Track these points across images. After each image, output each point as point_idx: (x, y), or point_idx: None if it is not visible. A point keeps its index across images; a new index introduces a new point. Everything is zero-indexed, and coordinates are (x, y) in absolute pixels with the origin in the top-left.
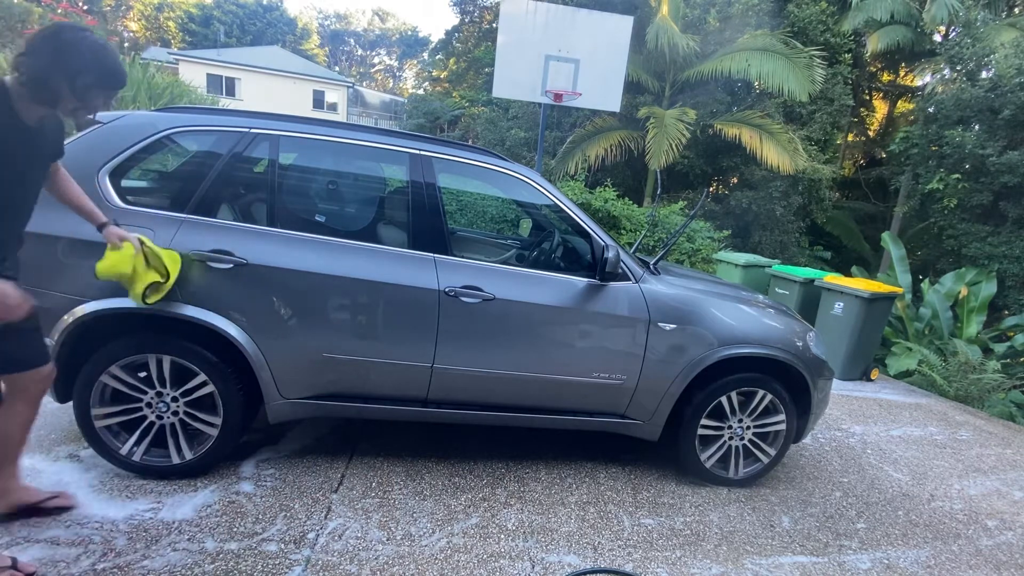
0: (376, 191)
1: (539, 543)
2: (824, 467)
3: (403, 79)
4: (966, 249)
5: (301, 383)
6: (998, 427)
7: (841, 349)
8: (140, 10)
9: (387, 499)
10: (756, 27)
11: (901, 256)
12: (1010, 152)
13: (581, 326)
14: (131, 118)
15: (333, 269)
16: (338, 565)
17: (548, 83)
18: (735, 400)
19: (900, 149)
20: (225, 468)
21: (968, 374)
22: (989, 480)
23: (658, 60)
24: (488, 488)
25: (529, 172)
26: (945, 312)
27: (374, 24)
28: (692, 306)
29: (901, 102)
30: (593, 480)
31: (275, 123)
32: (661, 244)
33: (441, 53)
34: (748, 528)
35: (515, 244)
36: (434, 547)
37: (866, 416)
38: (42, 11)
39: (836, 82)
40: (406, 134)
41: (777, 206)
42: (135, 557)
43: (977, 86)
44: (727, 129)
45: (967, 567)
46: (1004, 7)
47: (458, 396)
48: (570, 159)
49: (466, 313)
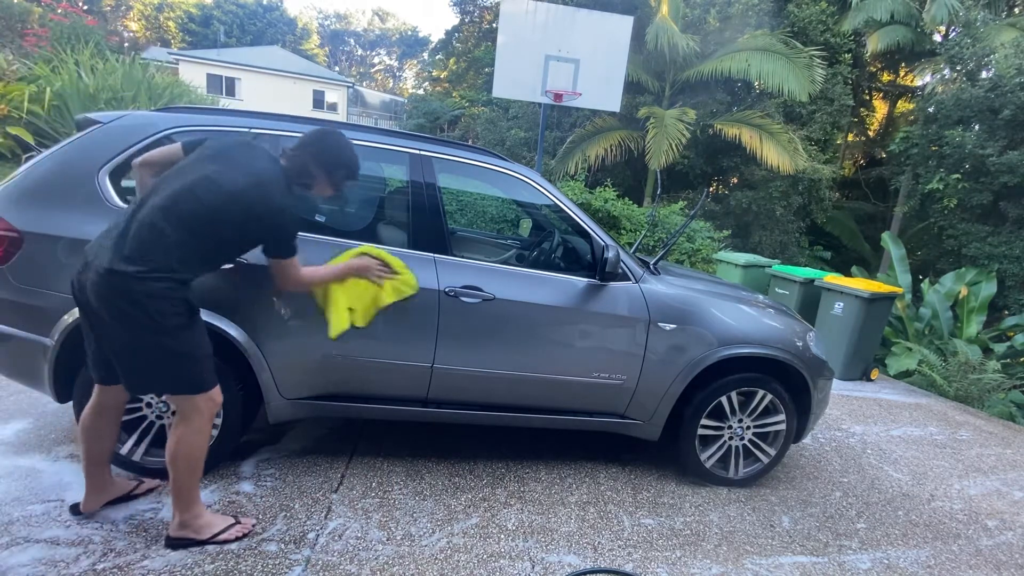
0: (376, 191)
1: (539, 543)
2: (824, 467)
3: (403, 79)
4: (966, 249)
5: (301, 383)
6: (998, 427)
7: (841, 349)
8: (140, 10)
9: (387, 499)
10: (756, 27)
11: (901, 256)
12: (1010, 152)
13: (581, 326)
14: (131, 118)
15: None
16: (338, 565)
17: (548, 83)
18: (735, 400)
19: (900, 149)
20: (225, 468)
21: (968, 374)
22: (989, 480)
23: (658, 60)
24: (488, 488)
25: (529, 172)
26: (945, 312)
27: (374, 24)
28: (692, 306)
29: (901, 102)
30: (593, 480)
31: (275, 123)
32: (661, 244)
33: (441, 53)
34: (748, 528)
35: (515, 244)
36: (434, 547)
37: (866, 416)
38: (42, 11)
39: (836, 82)
40: (406, 134)
41: (777, 206)
42: (135, 557)
43: (977, 86)
44: (727, 129)
45: (967, 567)
46: (1004, 7)
47: (458, 396)
48: (570, 159)
49: (466, 313)
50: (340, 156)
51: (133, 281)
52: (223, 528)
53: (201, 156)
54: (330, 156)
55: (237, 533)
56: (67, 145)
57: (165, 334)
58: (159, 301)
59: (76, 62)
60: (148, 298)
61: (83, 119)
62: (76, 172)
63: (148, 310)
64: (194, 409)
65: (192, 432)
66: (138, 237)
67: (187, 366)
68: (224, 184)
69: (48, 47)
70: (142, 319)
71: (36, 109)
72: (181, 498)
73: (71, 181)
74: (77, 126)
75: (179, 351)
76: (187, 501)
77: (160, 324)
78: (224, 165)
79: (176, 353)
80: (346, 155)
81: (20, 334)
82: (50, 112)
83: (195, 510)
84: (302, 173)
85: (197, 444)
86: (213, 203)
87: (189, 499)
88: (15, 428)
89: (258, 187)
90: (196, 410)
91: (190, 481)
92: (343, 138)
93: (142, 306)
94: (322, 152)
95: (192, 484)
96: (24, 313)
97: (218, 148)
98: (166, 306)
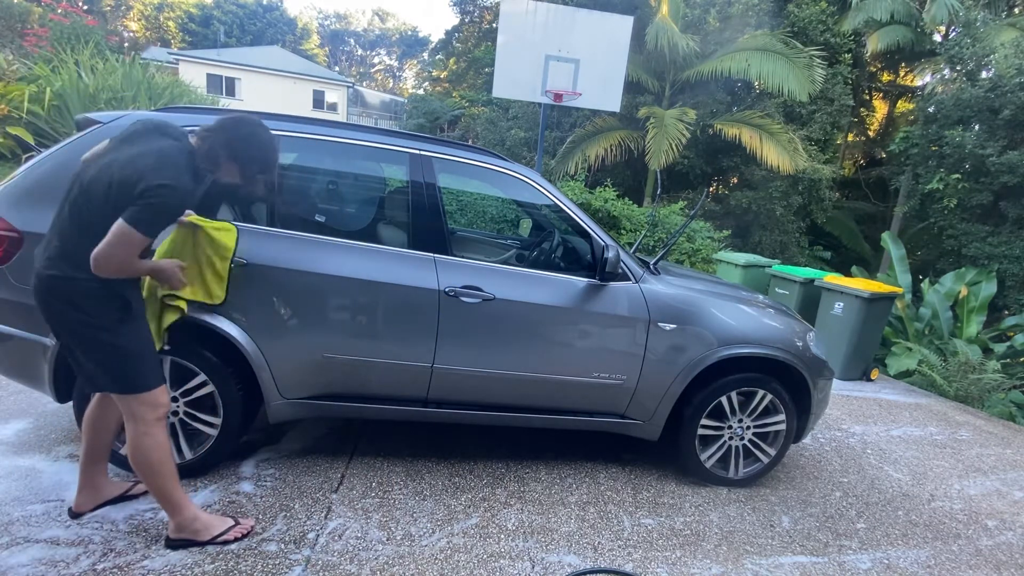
0: (376, 191)
1: (539, 543)
2: (824, 467)
3: (403, 79)
4: (966, 249)
5: (301, 383)
6: (998, 427)
7: (841, 349)
8: (140, 10)
9: (387, 499)
10: (756, 27)
11: (901, 256)
12: (1010, 152)
13: (581, 326)
14: (131, 118)
15: (333, 269)
16: (338, 565)
17: (548, 83)
18: (735, 400)
19: (900, 149)
20: (225, 468)
21: (968, 374)
22: (989, 480)
23: (658, 60)
24: (488, 488)
25: (529, 172)
26: (945, 312)
27: (374, 24)
28: (692, 306)
29: (901, 102)
30: (593, 480)
31: (275, 123)
32: (661, 244)
33: (441, 53)
34: (748, 528)
35: (515, 244)
36: (434, 547)
37: (866, 416)
38: (42, 11)
39: (836, 82)
40: (406, 134)
41: (777, 206)
42: (135, 557)
43: (977, 86)
44: (727, 129)
45: (967, 567)
46: (1004, 7)
47: (458, 396)
48: (570, 159)
49: (466, 313)
50: (253, 148)
51: (61, 282)
52: (223, 530)
53: (111, 145)
54: (242, 146)
55: (237, 534)
56: (67, 145)
57: (103, 329)
58: (89, 300)
59: (76, 62)
60: (81, 297)
61: (83, 119)
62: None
63: (82, 308)
64: (133, 414)
65: (138, 436)
66: (60, 236)
67: (127, 363)
68: (118, 165)
69: (48, 47)
70: (79, 317)
71: (36, 109)
72: (163, 502)
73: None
74: (77, 126)
75: (118, 345)
76: (172, 504)
77: (95, 321)
78: (127, 147)
79: (115, 347)
80: (261, 148)
81: (20, 334)
82: (50, 112)
83: (186, 513)
84: (208, 157)
85: (148, 447)
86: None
87: (172, 502)
88: (15, 428)
89: (155, 157)
90: (135, 415)
91: (162, 484)
92: (262, 129)
93: (74, 305)
94: (234, 140)
95: (167, 487)
96: (24, 313)
97: (127, 132)
98: (98, 304)
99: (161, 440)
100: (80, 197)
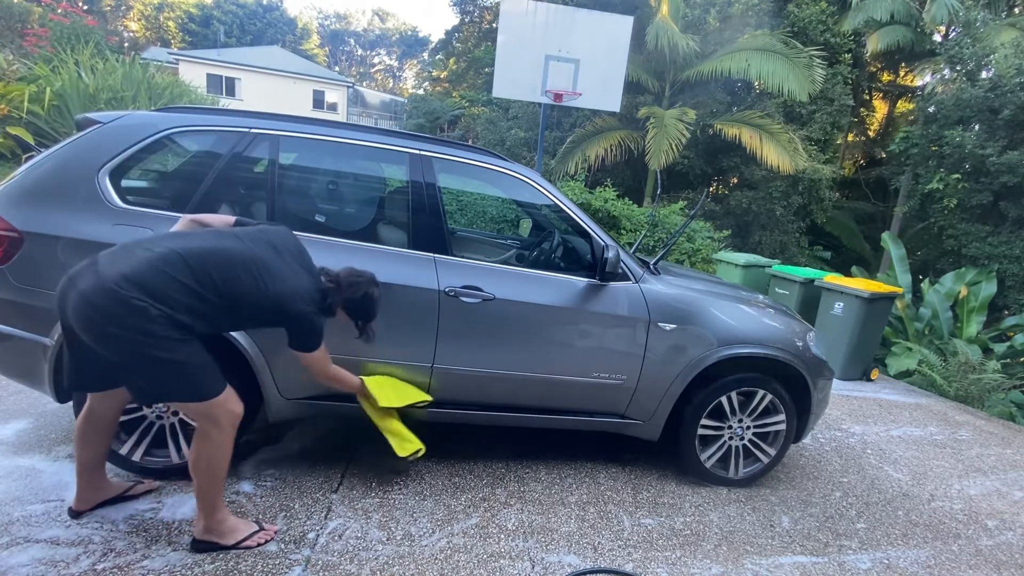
0: (376, 191)
1: (539, 543)
2: (824, 467)
3: (403, 79)
4: (966, 249)
5: (301, 383)
6: (998, 427)
7: (841, 349)
8: (140, 10)
9: (387, 499)
10: (756, 27)
11: (901, 256)
12: (1010, 152)
13: (581, 326)
14: (131, 118)
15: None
16: (338, 565)
17: (548, 83)
18: (735, 400)
19: (900, 149)
20: None
21: (968, 374)
22: (989, 480)
23: (658, 60)
24: (488, 488)
25: (529, 172)
26: (945, 312)
27: (374, 24)
28: (692, 306)
29: (901, 102)
30: (593, 480)
31: (275, 123)
32: (661, 244)
33: (441, 53)
34: (748, 528)
35: (515, 244)
36: (434, 547)
37: (866, 416)
38: (42, 11)
39: (836, 82)
40: (406, 134)
41: (777, 206)
42: (135, 557)
43: (977, 86)
44: (727, 129)
45: (967, 567)
46: (1004, 7)
47: (458, 396)
48: (570, 159)
49: (466, 313)
50: (366, 310)
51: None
52: (248, 534)
53: (251, 234)
54: (358, 308)
55: (261, 539)
56: (67, 145)
57: (155, 348)
58: (148, 324)
59: (76, 62)
60: (140, 320)
61: (83, 119)
62: (76, 172)
63: (137, 329)
64: (207, 419)
65: (211, 440)
66: (149, 268)
67: (185, 374)
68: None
69: (48, 47)
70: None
71: (36, 109)
72: (205, 503)
73: (71, 181)
74: (77, 126)
75: (173, 359)
76: (211, 506)
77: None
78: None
79: (171, 362)
80: (372, 311)
81: (20, 334)
82: (50, 112)
83: (219, 515)
84: (329, 302)
85: (217, 452)
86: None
87: (213, 505)
88: (15, 428)
89: (293, 299)
90: (210, 420)
91: (213, 488)
92: (374, 298)
93: (128, 326)
94: (352, 301)
95: (215, 491)
96: (24, 313)
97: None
98: (155, 327)
99: (230, 446)
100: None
